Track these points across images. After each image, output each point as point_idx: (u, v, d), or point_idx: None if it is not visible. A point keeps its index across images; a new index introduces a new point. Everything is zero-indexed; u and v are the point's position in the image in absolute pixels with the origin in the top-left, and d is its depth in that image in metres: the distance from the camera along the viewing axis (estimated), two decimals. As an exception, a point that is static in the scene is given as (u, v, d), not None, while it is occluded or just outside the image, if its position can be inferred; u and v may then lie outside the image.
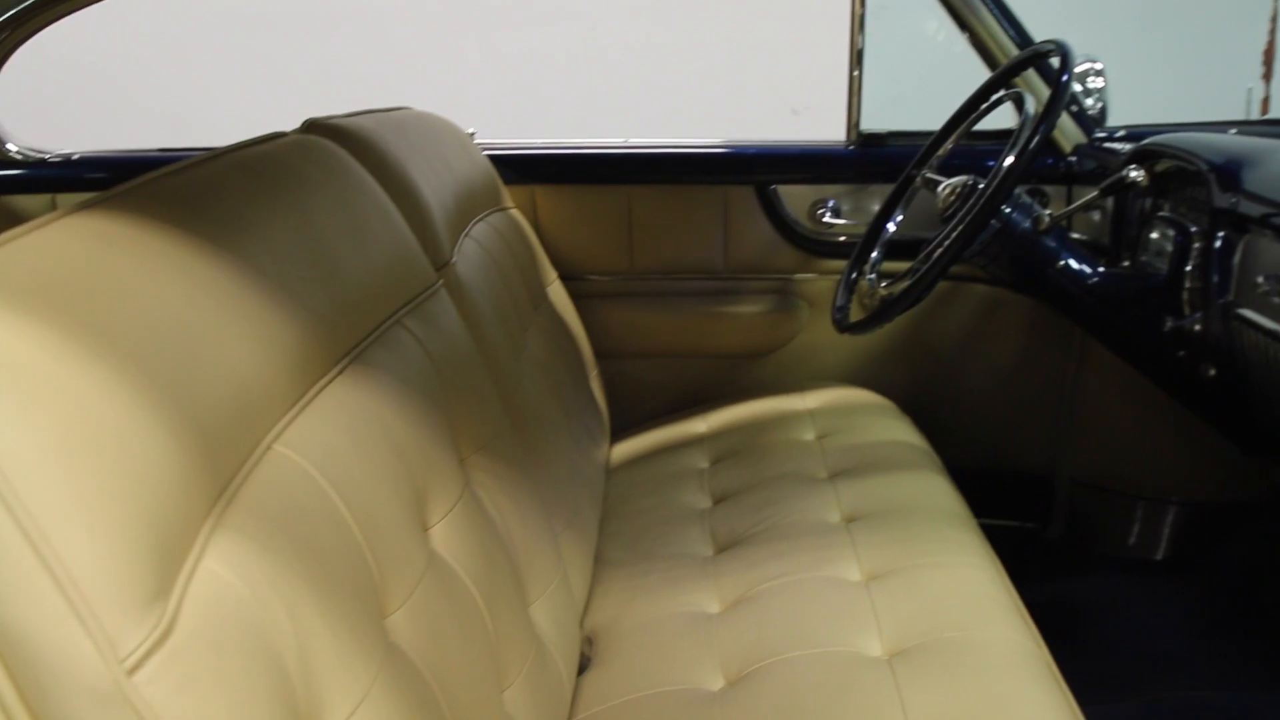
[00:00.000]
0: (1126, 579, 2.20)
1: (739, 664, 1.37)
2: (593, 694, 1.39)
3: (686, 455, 2.09)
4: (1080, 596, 2.14)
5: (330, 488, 0.89)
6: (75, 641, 0.60)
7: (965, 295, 2.34)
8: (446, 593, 1.04)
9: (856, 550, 1.57)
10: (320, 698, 0.76)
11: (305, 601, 0.78)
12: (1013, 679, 1.27)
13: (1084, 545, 2.33)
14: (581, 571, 1.58)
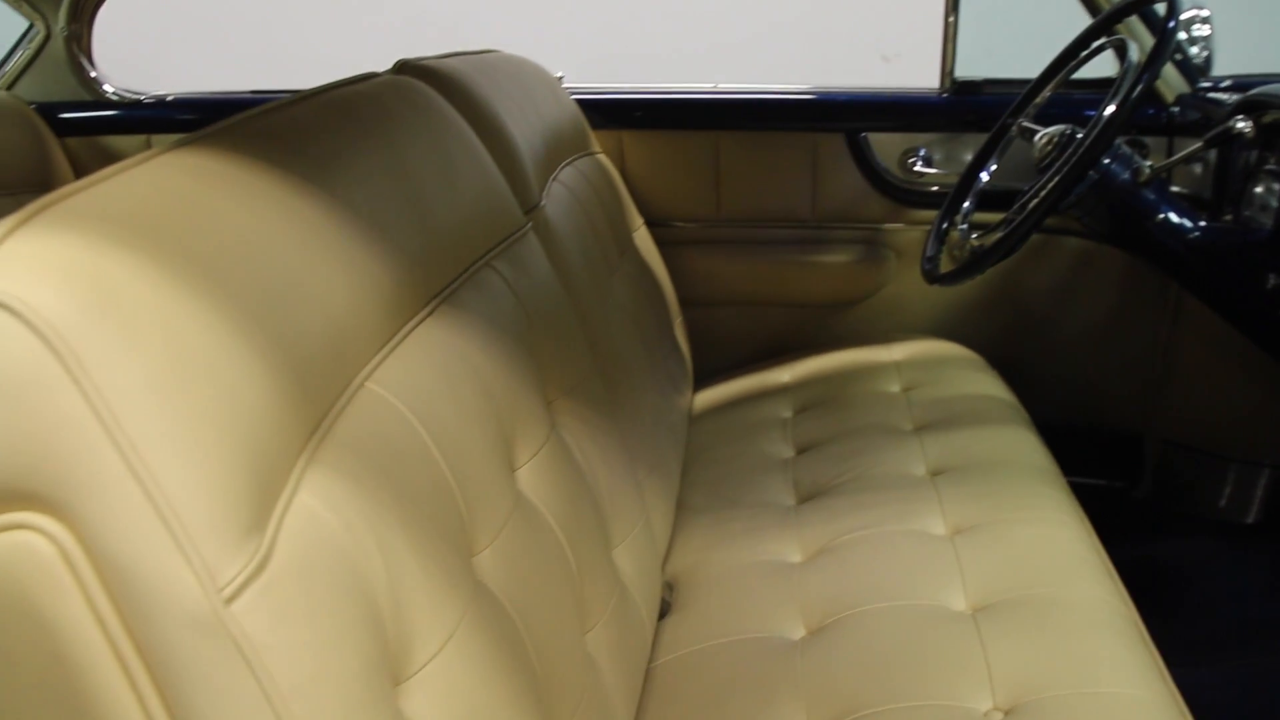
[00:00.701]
0: (1216, 542, 2.16)
1: (820, 614, 1.36)
2: (672, 639, 1.40)
3: (770, 404, 2.08)
4: (1169, 558, 2.10)
5: (421, 426, 0.90)
6: (175, 570, 0.62)
7: (1058, 248, 2.29)
8: (532, 534, 1.05)
9: (941, 504, 1.56)
10: (410, 633, 0.77)
11: (396, 537, 0.79)
12: (1100, 638, 1.26)
13: (1173, 506, 2.29)
14: (663, 517, 1.59)
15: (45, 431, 0.61)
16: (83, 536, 0.62)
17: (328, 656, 0.66)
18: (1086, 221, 1.88)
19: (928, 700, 1.18)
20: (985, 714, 1.16)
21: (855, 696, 1.20)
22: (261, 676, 0.63)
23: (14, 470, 0.61)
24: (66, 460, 0.61)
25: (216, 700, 0.62)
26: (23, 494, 0.62)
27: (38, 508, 0.62)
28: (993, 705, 1.17)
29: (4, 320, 0.61)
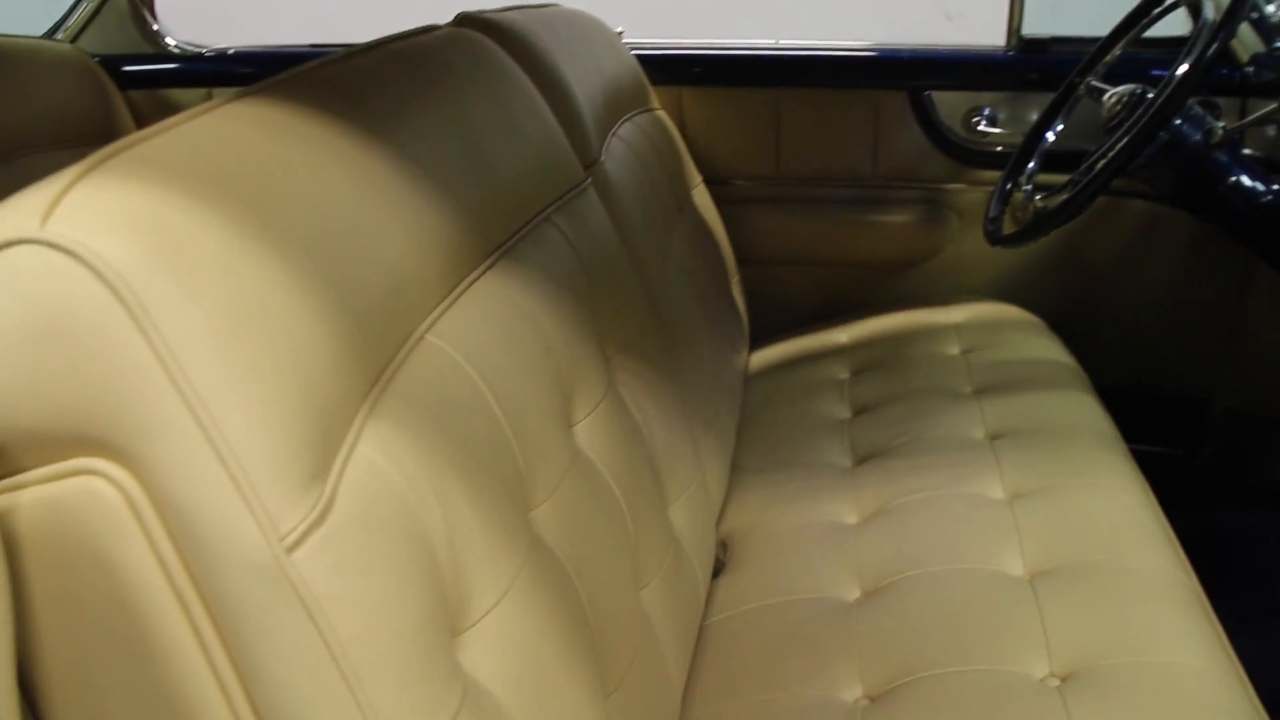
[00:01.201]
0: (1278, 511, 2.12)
1: (876, 576, 1.35)
2: (726, 598, 1.40)
3: (827, 365, 2.06)
4: (1230, 527, 2.07)
5: (480, 379, 0.90)
6: (238, 517, 0.62)
7: (1124, 211, 2.25)
8: (589, 490, 1.05)
9: (1000, 468, 1.54)
10: (468, 586, 0.77)
11: (455, 490, 0.79)
12: (1160, 606, 1.24)
13: (1234, 475, 2.25)
14: (719, 476, 1.58)
15: (111, 378, 0.61)
16: (147, 483, 0.62)
17: (387, 607, 0.67)
18: (1154, 184, 1.84)
19: (983, 665, 1.17)
20: (1042, 680, 1.15)
21: (909, 659, 1.20)
22: (322, 625, 0.63)
23: (80, 416, 0.62)
24: (131, 407, 0.61)
25: (277, 647, 0.63)
26: (89, 440, 0.62)
27: (103, 454, 0.63)
28: (1049, 671, 1.16)
29: (70, 267, 0.62)
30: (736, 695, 1.22)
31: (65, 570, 0.63)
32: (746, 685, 1.23)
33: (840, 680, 1.20)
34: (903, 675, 1.18)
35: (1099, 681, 1.13)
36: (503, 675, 0.78)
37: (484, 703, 0.74)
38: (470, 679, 0.74)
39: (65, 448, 0.63)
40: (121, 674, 0.64)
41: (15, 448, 0.63)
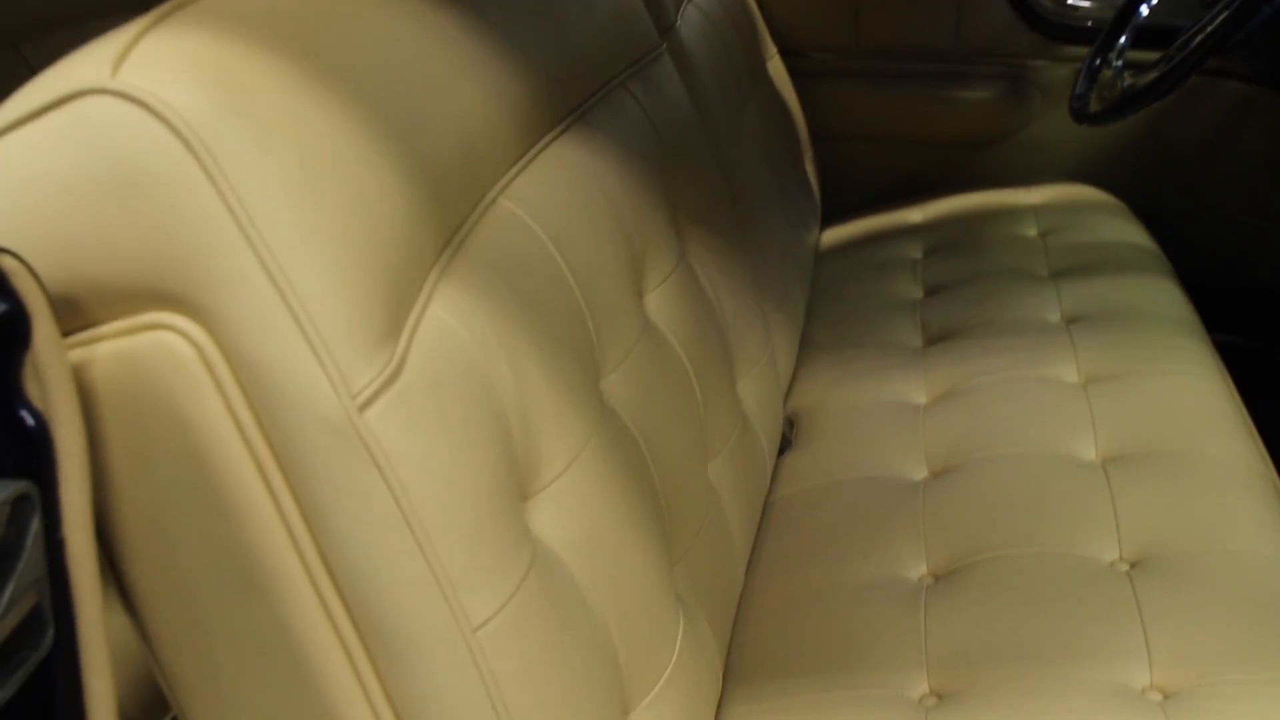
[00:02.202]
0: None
1: (944, 456, 1.34)
2: (792, 474, 1.40)
3: (900, 244, 2.02)
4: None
5: (552, 244, 0.89)
6: (310, 374, 0.62)
7: (1218, 92, 2.16)
8: (659, 360, 1.04)
9: (1076, 351, 1.51)
10: (538, 450, 0.77)
11: (527, 355, 0.78)
12: (1235, 495, 1.22)
13: None
14: (787, 353, 1.57)
15: (182, 230, 0.61)
16: (220, 337, 0.62)
17: (458, 467, 0.67)
18: (1253, 64, 1.77)
19: (1051, 547, 1.16)
20: (1110, 564, 1.14)
21: (976, 539, 1.19)
22: (393, 483, 0.63)
23: (153, 270, 0.61)
24: (203, 260, 0.61)
25: (348, 504, 0.63)
26: (160, 294, 0.62)
27: (175, 308, 0.62)
28: (1119, 556, 1.15)
29: (141, 118, 0.61)
30: (799, 569, 1.22)
31: (140, 424, 0.64)
32: (810, 560, 1.23)
33: (905, 558, 1.20)
34: (968, 555, 1.17)
35: (1168, 568, 1.11)
36: (571, 540, 0.78)
37: (552, 566, 0.75)
38: (539, 542, 0.74)
39: (139, 302, 0.62)
40: (195, 527, 0.65)
41: (89, 301, 0.63)
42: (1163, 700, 0.97)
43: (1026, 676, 1.01)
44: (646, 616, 0.86)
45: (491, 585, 0.67)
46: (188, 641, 0.68)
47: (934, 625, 1.09)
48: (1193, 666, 1.00)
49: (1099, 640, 1.04)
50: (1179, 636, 1.03)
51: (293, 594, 0.64)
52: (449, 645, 0.65)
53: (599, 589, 0.79)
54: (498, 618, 0.67)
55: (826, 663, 1.08)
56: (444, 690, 0.66)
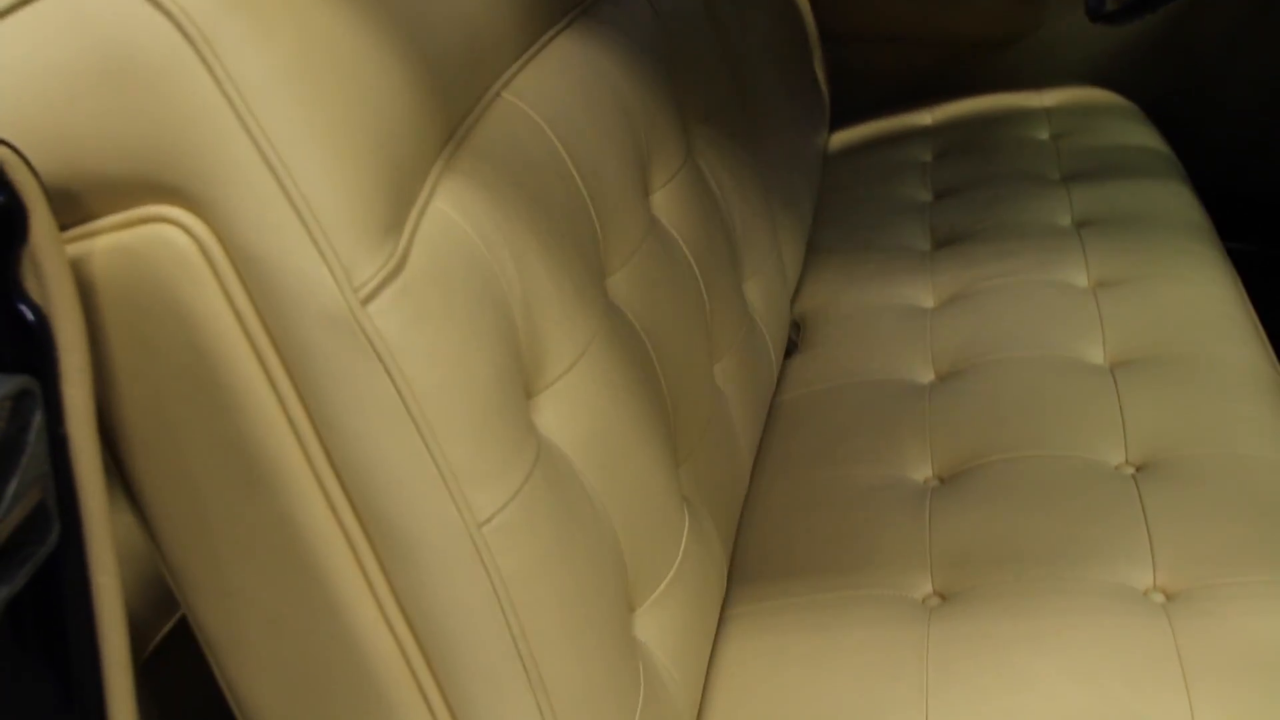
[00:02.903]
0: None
1: (951, 359, 1.34)
2: (798, 377, 1.39)
3: (909, 147, 2.00)
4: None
5: (557, 140, 0.87)
6: (312, 267, 0.61)
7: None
8: (665, 259, 1.03)
9: (1086, 255, 1.49)
10: (543, 347, 0.77)
11: (531, 251, 0.77)
12: (1244, 400, 1.21)
13: None
14: (795, 255, 1.56)
15: (179, 121, 0.59)
16: (219, 230, 0.61)
17: (462, 363, 0.66)
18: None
19: (1057, 451, 1.16)
20: (1116, 468, 1.14)
21: (982, 442, 1.19)
22: (396, 377, 0.62)
23: (150, 161, 0.60)
24: (201, 151, 0.60)
25: (351, 398, 0.62)
26: (158, 186, 0.61)
27: (174, 200, 0.61)
28: (1124, 460, 1.15)
29: (138, 5, 0.59)
30: (805, 471, 1.22)
31: (141, 319, 0.63)
32: (815, 462, 1.23)
33: (910, 460, 1.20)
34: (974, 458, 1.17)
35: (1174, 471, 1.11)
36: (576, 438, 0.78)
37: (557, 463, 0.75)
38: (544, 440, 0.74)
39: (137, 194, 0.61)
40: (199, 422, 0.65)
41: (86, 194, 0.62)
42: (1165, 601, 0.98)
43: (1029, 577, 1.02)
44: (651, 515, 0.86)
45: (496, 481, 0.67)
46: (194, 538, 0.68)
47: (938, 526, 1.09)
48: (1196, 568, 1.00)
49: (1103, 542, 1.04)
50: (1183, 539, 1.03)
51: (296, 488, 0.64)
52: (454, 541, 0.65)
53: (604, 487, 0.79)
54: (503, 513, 0.67)
55: (831, 563, 1.08)
56: (449, 585, 0.66)
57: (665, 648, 0.86)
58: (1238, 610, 0.95)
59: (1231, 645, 0.92)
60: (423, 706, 0.68)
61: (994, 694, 0.91)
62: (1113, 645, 0.93)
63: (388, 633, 0.67)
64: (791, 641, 1.00)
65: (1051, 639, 0.95)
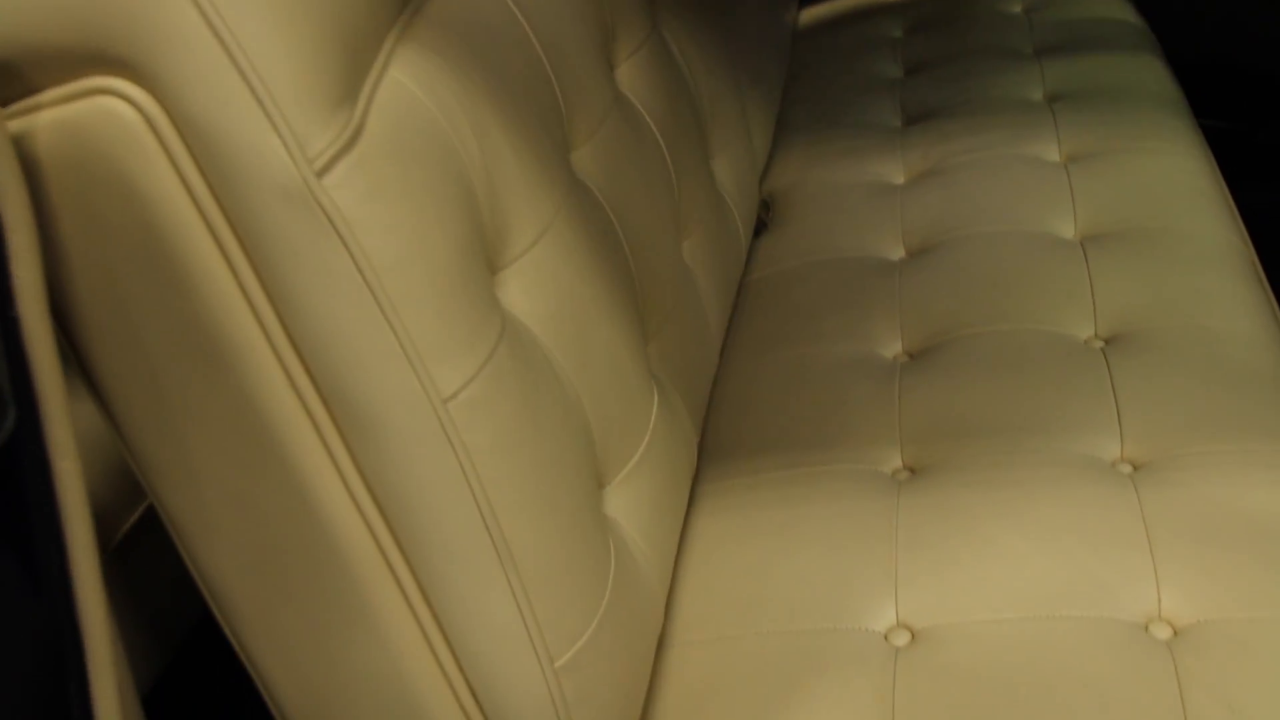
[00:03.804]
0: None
1: (921, 236, 1.33)
2: (768, 255, 1.38)
3: (879, 22, 1.96)
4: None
5: (518, 10, 0.84)
6: (263, 137, 0.59)
7: None
8: (631, 134, 1.01)
9: (1058, 129, 1.48)
10: (506, 222, 0.75)
11: (492, 124, 0.75)
12: (1213, 272, 1.21)
13: None
14: (763, 132, 1.53)
15: (121, -13, 0.57)
16: (166, 102, 0.59)
17: (423, 236, 0.64)
18: None
19: (1026, 324, 1.16)
20: (1085, 341, 1.14)
21: (952, 317, 1.18)
22: (355, 252, 0.61)
23: (90, 30, 0.58)
24: (143, 18, 0.57)
25: (309, 274, 0.61)
26: (101, 56, 0.58)
27: (120, 72, 0.59)
28: (1094, 333, 1.15)
29: None
30: (774, 349, 1.22)
31: (89, 196, 0.61)
32: (785, 340, 1.23)
33: (880, 336, 1.19)
34: (945, 332, 1.17)
35: (1143, 343, 1.11)
36: (542, 314, 0.77)
37: (523, 339, 0.73)
38: (509, 315, 0.73)
39: (80, 65, 0.59)
40: (154, 301, 0.63)
41: (26, 66, 0.59)
42: (1132, 471, 0.99)
43: (998, 450, 1.02)
44: (620, 392, 0.86)
45: (461, 356, 0.66)
46: (155, 422, 0.67)
47: (908, 401, 1.09)
48: (1163, 439, 1.01)
49: (1071, 414, 1.05)
50: (1150, 410, 1.04)
51: (257, 368, 0.63)
52: (419, 417, 0.64)
53: (571, 364, 0.78)
54: (468, 389, 0.66)
55: (800, 439, 1.08)
56: (415, 463, 0.65)
57: (636, 524, 0.86)
58: (1203, 479, 0.96)
59: (1196, 513, 0.93)
60: (393, 585, 0.68)
61: (963, 564, 0.92)
62: (1080, 515, 0.94)
63: (354, 511, 0.66)
64: (762, 516, 1.01)
65: (1019, 509, 0.95)
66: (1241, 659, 0.82)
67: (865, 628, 0.89)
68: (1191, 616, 0.86)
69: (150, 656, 1.07)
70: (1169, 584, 0.88)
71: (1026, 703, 0.81)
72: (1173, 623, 0.86)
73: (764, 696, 0.86)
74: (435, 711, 0.71)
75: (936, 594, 0.90)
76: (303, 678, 0.72)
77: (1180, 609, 0.86)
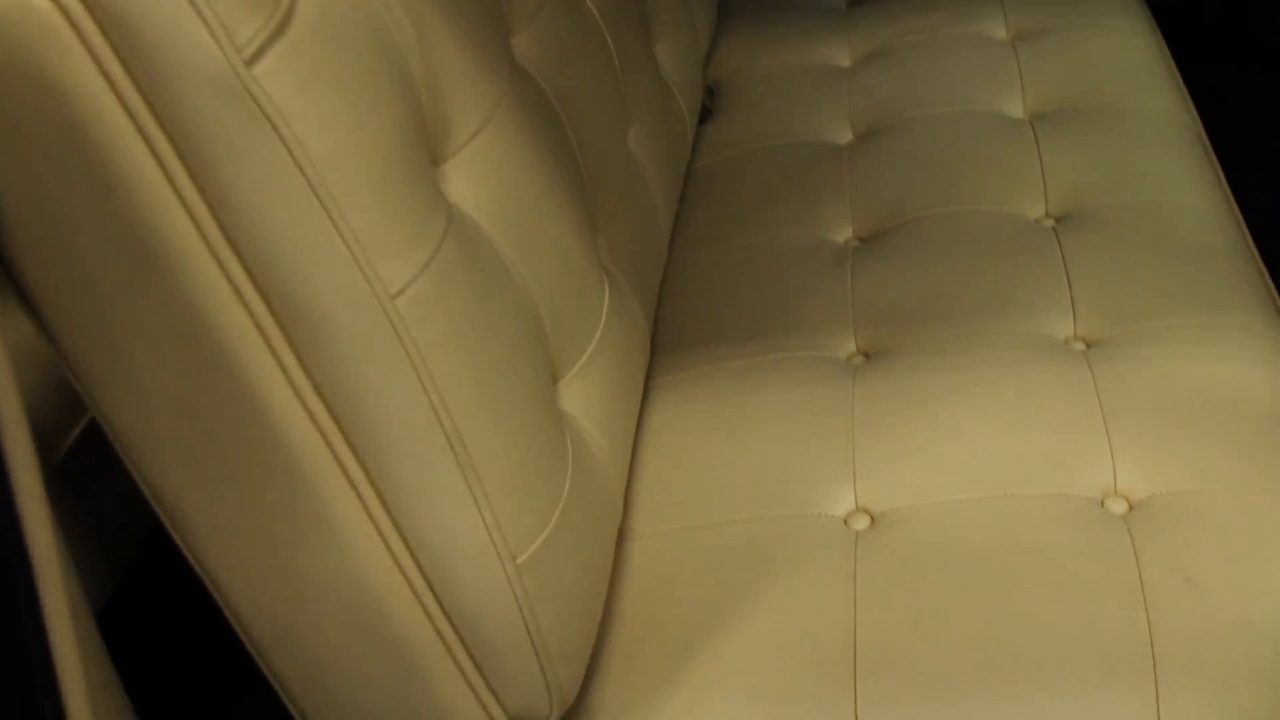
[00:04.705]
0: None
1: (870, 118, 1.31)
2: (714, 143, 1.36)
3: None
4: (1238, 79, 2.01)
5: (449, -112, 0.81)
6: (187, 25, 0.55)
7: None
8: (572, 19, 0.97)
9: (1005, 8, 1.46)
10: (448, 110, 0.72)
11: (428, 6, 0.72)
12: (1162, 148, 1.21)
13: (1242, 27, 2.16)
14: (706, 17, 1.50)
15: None
16: (80, -11, 0.55)
17: (362, 127, 0.62)
18: None
19: (976, 205, 1.15)
20: (1036, 220, 1.13)
21: (901, 200, 1.17)
22: (291, 145, 0.58)
23: None
24: (53, -99, 0.54)
25: (245, 170, 0.58)
26: (10, -56, 0.55)
27: (28, -39, 0.55)
28: (1044, 212, 1.14)
29: None
30: (724, 238, 1.20)
31: (8, 97, 0.58)
32: (734, 228, 1.21)
33: (830, 221, 1.18)
34: (895, 216, 1.16)
35: (1094, 221, 1.11)
36: (488, 206, 0.74)
37: (470, 232, 0.71)
38: (455, 208, 0.70)
39: None
40: (85, 206, 0.60)
41: None
42: (1085, 349, 0.99)
43: (951, 332, 1.02)
44: (571, 284, 0.84)
45: (406, 251, 0.64)
46: (94, 332, 0.64)
47: (860, 286, 1.08)
48: (1115, 316, 1.01)
49: (1023, 294, 1.05)
50: (1102, 287, 1.04)
51: (196, 272, 0.60)
52: (366, 315, 0.62)
53: (521, 256, 0.76)
54: (415, 284, 0.64)
55: (754, 328, 1.07)
56: (365, 362, 0.63)
57: (591, 418, 0.85)
58: (1155, 354, 0.96)
59: (1149, 387, 0.93)
60: (348, 489, 0.67)
61: (920, 446, 0.92)
62: (1035, 393, 0.94)
63: (305, 416, 0.64)
64: (718, 407, 1.00)
65: (974, 390, 0.95)
66: (1196, 531, 0.83)
67: (825, 513, 0.89)
68: (1146, 490, 0.86)
69: (102, 573, 1.05)
70: (1124, 459, 0.88)
71: (986, 580, 0.82)
72: (1128, 497, 0.87)
73: (725, 585, 0.86)
74: (397, 614, 0.70)
75: (894, 477, 0.90)
76: (261, 588, 0.71)
77: (1135, 483, 0.87)
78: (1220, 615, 0.78)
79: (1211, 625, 0.77)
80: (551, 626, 0.75)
